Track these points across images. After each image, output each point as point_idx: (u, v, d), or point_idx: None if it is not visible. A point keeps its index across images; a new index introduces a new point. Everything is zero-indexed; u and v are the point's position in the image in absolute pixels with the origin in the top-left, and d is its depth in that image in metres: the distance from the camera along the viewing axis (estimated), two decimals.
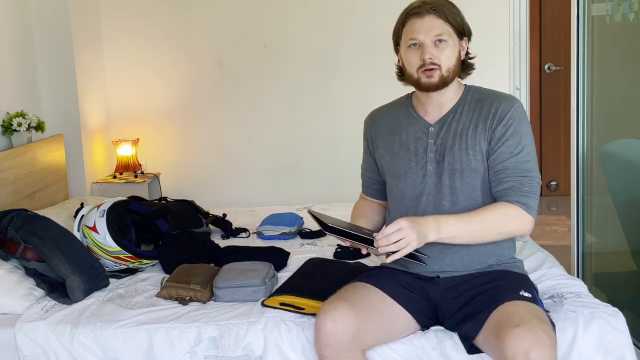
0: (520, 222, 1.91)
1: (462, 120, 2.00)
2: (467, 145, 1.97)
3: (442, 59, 1.94)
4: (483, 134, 1.96)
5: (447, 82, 1.97)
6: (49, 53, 3.65)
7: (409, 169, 2.03)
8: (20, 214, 2.46)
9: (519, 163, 1.93)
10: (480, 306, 1.85)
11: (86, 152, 3.82)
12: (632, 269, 2.98)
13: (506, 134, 1.94)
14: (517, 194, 1.91)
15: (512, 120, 1.94)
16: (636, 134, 2.92)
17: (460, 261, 1.97)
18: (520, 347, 1.64)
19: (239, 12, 4.14)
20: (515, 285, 1.90)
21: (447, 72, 1.95)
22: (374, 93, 4.13)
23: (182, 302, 2.25)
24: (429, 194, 2.00)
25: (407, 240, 1.79)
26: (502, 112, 1.95)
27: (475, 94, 2.04)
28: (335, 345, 1.80)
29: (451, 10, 1.95)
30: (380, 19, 4.24)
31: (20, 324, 2.17)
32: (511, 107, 1.95)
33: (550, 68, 5.43)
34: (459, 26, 1.96)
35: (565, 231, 4.40)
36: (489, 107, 1.98)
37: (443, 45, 1.93)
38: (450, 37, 1.94)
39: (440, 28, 1.93)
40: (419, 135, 2.04)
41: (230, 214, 3.30)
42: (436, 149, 2.00)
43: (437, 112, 2.03)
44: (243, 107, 4.22)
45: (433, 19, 1.93)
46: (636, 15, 2.76)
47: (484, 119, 1.97)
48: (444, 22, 1.93)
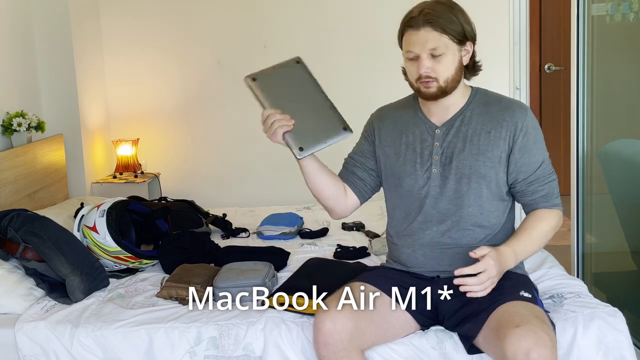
0: (559, 221, 2.02)
1: (472, 125, 1.99)
2: (478, 150, 1.96)
3: (439, 71, 1.91)
4: (498, 142, 1.96)
5: (447, 92, 1.95)
6: (49, 53, 3.65)
7: (413, 170, 2.03)
8: (20, 214, 2.46)
9: (546, 170, 2.00)
10: (480, 306, 1.85)
11: (86, 152, 3.82)
12: (632, 269, 2.98)
13: (529, 145, 1.97)
14: (552, 199, 2.01)
15: (532, 129, 1.97)
16: (636, 134, 2.92)
17: (459, 261, 1.97)
18: (521, 348, 1.64)
19: (239, 12, 4.14)
20: (515, 286, 1.90)
21: (445, 83, 1.93)
22: (374, 93, 4.13)
23: (182, 302, 2.25)
24: (433, 197, 2.00)
25: (492, 281, 1.81)
26: (521, 122, 1.96)
27: (483, 98, 2.02)
28: (333, 345, 1.80)
29: (449, 18, 1.89)
30: (381, 19, 4.25)
31: (20, 323, 2.17)
32: (527, 116, 1.97)
33: (550, 68, 5.43)
34: (458, 34, 1.91)
35: (565, 231, 4.39)
36: (502, 114, 1.97)
37: (440, 57, 1.90)
38: (447, 48, 1.90)
39: (435, 41, 1.89)
40: (425, 137, 2.03)
41: (230, 214, 3.30)
42: (442, 152, 2.00)
43: (444, 114, 2.02)
44: (243, 106, 4.21)
45: (428, 32, 1.89)
46: (636, 15, 2.76)
47: (498, 126, 1.96)
48: (440, 33, 1.88)
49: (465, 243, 1.98)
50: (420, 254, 2.02)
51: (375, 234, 2.96)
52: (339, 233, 3.07)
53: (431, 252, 2.00)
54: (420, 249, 2.02)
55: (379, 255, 2.67)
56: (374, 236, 2.93)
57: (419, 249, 2.02)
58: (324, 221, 3.23)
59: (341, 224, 3.15)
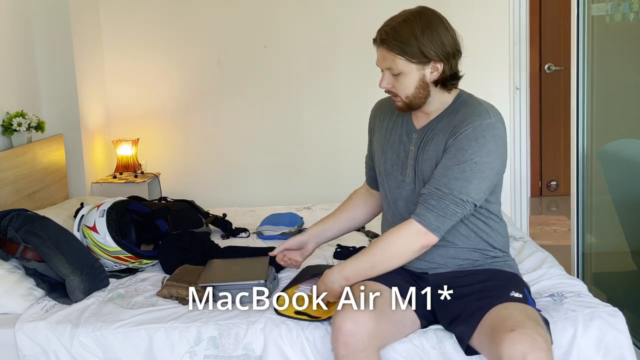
0: (417, 239, 1.87)
1: (435, 130, 1.96)
2: (428, 156, 1.95)
3: (399, 88, 1.93)
4: (441, 146, 1.92)
5: (414, 107, 1.95)
6: (49, 53, 3.65)
7: (392, 171, 2.05)
8: (20, 214, 2.46)
9: (443, 177, 1.86)
10: (472, 307, 1.85)
11: (86, 152, 3.82)
12: (632, 269, 2.98)
13: (450, 148, 1.87)
14: (422, 205, 1.87)
15: (461, 136, 1.86)
16: (636, 134, 2.92)
17: (441, 257, 1.98)
18: (517, 352, 1.64)
19: (239, 12, 4.14)
20: (505, 286, 1.90)
21: (407, 99, 1.93)
22: (374, 93, 4.13)
23: (183, 301, 2.25)
24: (406, 199, 2.01)
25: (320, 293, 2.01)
26: (460, 126, 1.87)
27: (459, 105, 1.96)
28: (354, 345, 1.79)
29: (406, 41, 1.85)
30: (381, 19, 4.25)
31: (20, 323, 2.17)
32: (472, 123, 1.86)
33: (550, 68, 5.43)
34: (416, 56, 1.86)
35: (565, 231, 4.40)
36: (457, 119, 1.91)
37: (398, 76, 1.91)
38: (405, 66, 1.88)
39: (390, 62, 1.89)
40: (404, 139, 2.04)
41: (230, 214, 3.30)
42: (415, 157, 1.99)
43: (425, 118, 2.01)
44: (243, 107, 4.22)
45: (383, 51, 1.90)
46: (636, 15, 2.76)
47: (449, 130, 1.92)
48: (395, 54, 1.88)
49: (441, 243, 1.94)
50: None
51: (375, 234, 2.96)
52: None
53: None
54: None
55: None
56: (374, 236, 2.94)
57: None
58: None
59: None
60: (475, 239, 1.99)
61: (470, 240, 1.99)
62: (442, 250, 1.98)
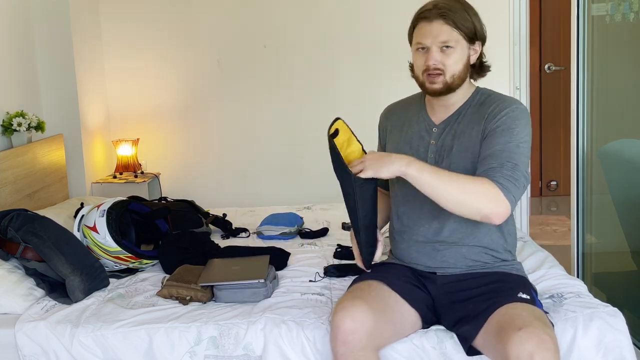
0: (493, 201, 1.79)
1: (463, 123, 1.98)
2: (464, 148, 1.95)
3: (448, 64, 1.93)
4: (478, 136, 1.94)
5: (452, 88, 1.96)
6: (49, 53, 3.65)
7: None
8: (20, 214, 2.46)
9: (505, 152, 1.85)
10: (478, 307, 1.85)
11: (86, 152, 3.83)
12: (632, 269, 2.98)
13: (497, 129, 1.89)
14: (497, 174, 1.82)
15: (505, 117, 1.90)
16: (636, 134, 2.92)
17: (452, 257, 1.98)
18: (524, 351, 1.64)
19: (239, 12, 4.14)
20: (512, 288, 1.90)
21: (451, 78, 1.94)
22: (374, 93, 4.15)
23: (183, 301, 2.25)
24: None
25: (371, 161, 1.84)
26: (497, 111, 1.92)
27: (482, 97, 2.01)
28: (352, 343, 1.79)
29: (462, 16, 1.92)
30: (381, 19, 4.25)
31: (20, 323, 2.17)
32: (507, 107, 1.92)
33: (550, 68, 5.43)
34: (469, 32, 1.93)
35: (565, 231, 4.40)
36: (488, 108, 1.95)
37: (449, 51, 1.92)
38: (457, 43, 1.92)
39: (447, 34, 1.91)
40: (422, 135, 2.04)
41: (230, 214, 3.30)
42: (437, 150, 2.00)
43: (444, 113, 2.03)
44: (243, 107, 4.22)
45: (441, 25, 1.91)
46: (636, 15, 2.76)
47: (481, 120, 1.95)
48: (452, 28, 1.91)
49: (455, 241, 1.98)
50: (414, 249, 2.03)
51: None
52: (339, 233, 3.06)
53: (424, 248, 2.01)
54: (414, 245, 2.03)
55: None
56: None
57: (413, 245, 2.03)
58: (324, 221, 3.23)
59: (341, 224, 3.15)
60: (488, 237, 1.98)
61: (484, 239, 1.98)
62: (454, 248, 1.98)
